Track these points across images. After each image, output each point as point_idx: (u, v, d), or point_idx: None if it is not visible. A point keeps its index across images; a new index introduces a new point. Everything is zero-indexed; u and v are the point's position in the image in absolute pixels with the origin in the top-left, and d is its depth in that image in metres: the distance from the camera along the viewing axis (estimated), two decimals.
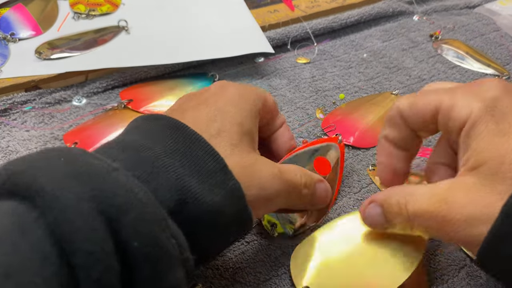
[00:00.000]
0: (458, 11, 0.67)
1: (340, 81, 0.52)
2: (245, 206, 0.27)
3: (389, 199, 0.28)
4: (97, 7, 0.57)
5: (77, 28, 0.54)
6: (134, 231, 0.20)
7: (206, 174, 0.25)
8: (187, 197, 0.24)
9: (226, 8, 0.58)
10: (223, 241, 0.28)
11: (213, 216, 0.25)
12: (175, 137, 0.26)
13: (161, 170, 0.24)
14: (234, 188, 0.26)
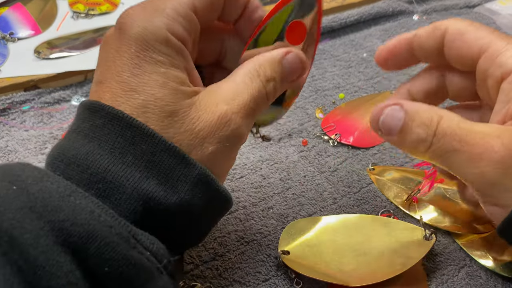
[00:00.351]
0: (458, 10, 0.66)
1: (340, 81, 0.52)
2: (217, 188, 0.25)
3: (420, 110, 0.26)
4: (96, 7, 0.57)
5: (76, 27, 0.54)
6: (102, 259, 0.20)
7: (164, 171, 0.23)
8: (150, 204, 0.23)
9: None
10: (205, 226, 0.27)
11: (184, 213, 0.24)
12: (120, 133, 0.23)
13: (116, 180, 0.22)
14: (200, 177, 0.24)
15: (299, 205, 0.38)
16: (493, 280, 0.33)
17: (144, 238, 0.22)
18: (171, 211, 0.24)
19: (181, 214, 0.24)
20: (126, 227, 0.21)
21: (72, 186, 0.21)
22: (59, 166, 0.23)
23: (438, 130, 0.25)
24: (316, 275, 0.31)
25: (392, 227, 0.35)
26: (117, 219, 0.21)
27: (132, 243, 0.21)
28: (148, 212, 0.23)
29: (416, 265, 0.32)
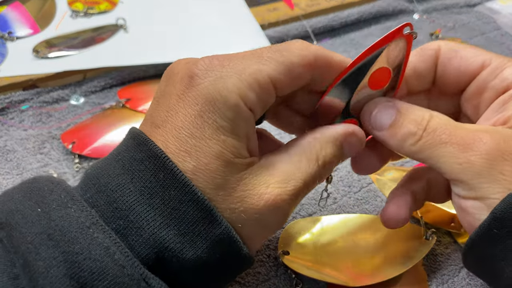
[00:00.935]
0: (459, 9, 0.66)
1: None
2: (239, 250, 0.24)
3: (411, 108, 0.27)
4: (95, 5, 0.57)
5: (75, 26, 0.53)
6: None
7: (186, 223, 0.23)
8: (165, 255, 0.22)
9: (225, 7, 0.58)
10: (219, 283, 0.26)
11: (198, 268, 0.23)
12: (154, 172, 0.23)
13: (138, 221, 0.22)
14: (222, 236, 0.23)
15: (299, 204, 0.37)
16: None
17: (155, 283, 0.22)
18: (185, 266, 0.23)
19: (195, 270, 0.23)
20: (139, 269, 0.21)
21: (93, 218, 0.21)
22: (90, 189, 0.23)
23: (429, 125, 0.26)
24: (316, 275, 0.31)
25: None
26: (131, 259, 0.21)
27: (143, 286, 0.21)
28: (162, 261, 0.23)
29: (417, 265, 0.32)
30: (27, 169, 0.39)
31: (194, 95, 0.23)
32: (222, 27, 0.54)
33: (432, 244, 0.33)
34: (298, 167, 0.25)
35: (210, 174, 0.23)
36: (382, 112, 0.27)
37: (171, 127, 0.24)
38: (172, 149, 0.23)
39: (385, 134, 0.27)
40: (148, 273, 0.22)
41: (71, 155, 0.40)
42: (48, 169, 0.39)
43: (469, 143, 0.25)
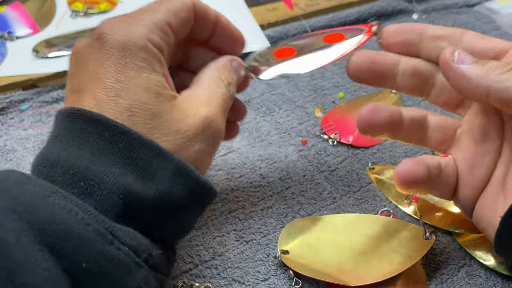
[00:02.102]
0: (458, 9, 0.66)
1: (339, 80, 0.52)
2: (197, 178, 0.26)
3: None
4: (95, 5, 0.57)
5: (75, 26, 0.54)
6: (78, 255, 0.21)
7: (141, 166, 0.25)
8: (130, 198, 0.24)
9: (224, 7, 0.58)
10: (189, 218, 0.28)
11: (165, 205, 0.25)
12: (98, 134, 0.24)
13: (97, 177, 0.24)
14: (178, 168, 0.25)
15: (299, 204, 0.38)
16: (492, 279, 0.33)
17: (123, 233, 0.23)
18: (151, 203, 0.25)
19: (163, 207, 0.25)
20: (104, 223, 0.22)
21: (52, 188, 0.22)
22: (43, 171, 0.24)
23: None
24: (315, 275, 0.31)
25: (391, 227, 0.35)
26: (95, 216, 0.22)
27: (109, 239, 0.22)
28: (129, 207, 0.24)
29: (416, 265, 0.32)
30: (27, 169, 0.39)
31: (107, 49, 0.26)
32: None
33: (431, 243, 0.33)
34: (213, 91, 0.30)
35: (145, 106, 0.26)
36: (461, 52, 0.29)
37: (95, 83, 0.26)
38: (103, 98, 0.25)
39: (469, 66, 0.28)
40: (115, 225, 0.23)
41: None
42: None
43: None
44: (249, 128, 0.45)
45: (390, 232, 0.34)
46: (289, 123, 0.45)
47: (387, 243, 0.34)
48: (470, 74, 0.27)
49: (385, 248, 0.33)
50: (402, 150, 0.43)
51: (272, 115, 0.46)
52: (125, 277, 0.22)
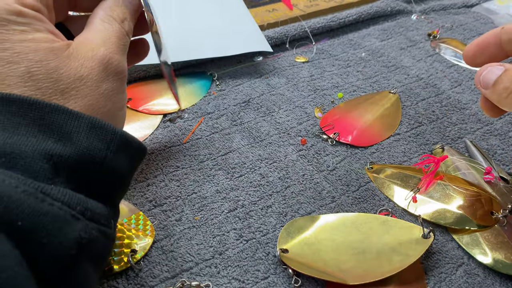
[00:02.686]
0: (456, 10, 0.67)
1: (339, 80, 0.52)
2: (113, 130, 0.27)
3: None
4: None
5: None
6: (12, 215, 0.22)
7: (56, 129, 0.25)
8: (54, 160, 0.25)
9: (224, 8, 0.58)
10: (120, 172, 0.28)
11: (89, 160, 0.26)
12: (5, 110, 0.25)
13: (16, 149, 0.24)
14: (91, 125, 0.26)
15: (298, 203, 0.38)
16: (491, 278, 0.33)
17: (54, 191, 0.24)
18: (75, 161, 0.25)
19: (86, 162, 0.26)
20: (32, 184, 0.23)
21: None
22: None
23: None
24: (314, 273, 0.32)
25: (390, 226, 0.35)
26: (22, 180, 0.23)
27: (40, 197, 0.23)
28: (56, 168, 0.25)
29: (415, 263, 0.32)
30: None
31: None
32: (222, 28, 0.55)
33: (430, 242, 0.33)
34: (106, 30, 0.30)
35: (42, 63, 0.26)
36: (490, 71, 0.32)
37: None
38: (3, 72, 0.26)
39: (488, 92, 0.32)
40: (44, 185, 0.23)
41: None
42: None
43: None
44: (249, 128, 0.45)
45: (389, 231, 0.35)
46: (289, 123, 0.46)
47: (386, 242, 0.34)
48: (491, 98, 0.33)
49: (384, 247, 0.33)
50: (401, 150, 0.43)
51: (271, 115, 0.47)
52: (63, 229, 0.23)
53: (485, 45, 0.35)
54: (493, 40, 0.34)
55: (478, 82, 0.33)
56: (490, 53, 0.35)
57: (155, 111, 0.46)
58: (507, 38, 0.34)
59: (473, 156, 0.42)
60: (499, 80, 0.32)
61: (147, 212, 0.36)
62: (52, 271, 0.22)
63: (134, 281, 0.32)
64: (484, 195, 0.37)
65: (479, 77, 0.33)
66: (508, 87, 0.31)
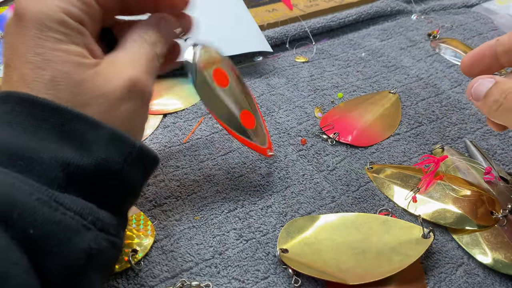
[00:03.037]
0: (456, 10, 0.67)
1: (339, 80, 0.52)
2: (133, 143, 0.27)
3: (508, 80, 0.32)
4: None
5: None
6: (25, 222, 0.22)
7: (76, 138, 0.25)
8: (70, 169, 0.25)
9: (224, 8, 0.58)
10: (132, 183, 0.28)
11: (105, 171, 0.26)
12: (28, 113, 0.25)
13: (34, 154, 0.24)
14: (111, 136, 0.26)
15: (298, 203, 0.38)
16: (491, 278, 0.33)
17: (67, 200, 0.24)
18: (91, 172, 0.25)
19: (102, 174, 0.26)
20: (47, 192, 0.23)
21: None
22: None
23: (509, 95, 0.31)
24: (314, 273, 0.32)
25: (390, 226, 0.35)
26: (37, 187, 0.23)
27: (54, 206, 0.23)
28: (71, 177, 0.25)
29: (414, 263, 0.32)
30: None
31: (25, 25, 0.27)
32: (222, 28, 0.55)
33: (430, 242, 0.34)
34: (136, 52, 0.30)
35: (67, 75, 0.26)
36: (480, 84, 0.33)
37: (18, 57, 0.26)
38: (25, 72, 0.26)
39: (479, 104, 0.33)
40: (58, 193, 0.24)
41: None
42: None
43: None
44: None
45: (389, 231, 0.35)
46: (289, 123, 0.46)
47: (386, 242, 0.34)
48: (482, 110, 0.33)
49: (384, 247, 0.34)
50: (400, 150, 0.43)
51: (271, 115, 0.47)
52: (74, 239, 0.23)
53: (480, 57, 0.36)
54: (489, 52, 0.35)
55: (469, 94, 0.34)
56: (486, 64, 0.35)
57: (155, 111, 0.46)
58: (502, 49, 0.35)
59: (473, 156, 0.42)
60: (490, 93, 0.33)
61: (147, 212, 0.36)
62: (59, 279, 0.23)
63: (134, 281, 0.32)
64: (484, 195, 0.37)
65: (471, 89, 0.34)
66: (497, 100, 0.32)
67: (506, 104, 0.32)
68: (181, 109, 0.47)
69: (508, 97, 0.32)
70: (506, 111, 0.32)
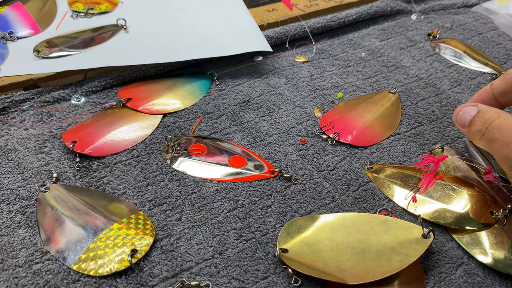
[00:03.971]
0: (456, 10, 0.67)
1: (338, 80, 0.52)
2: None
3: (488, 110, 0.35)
4: (96, 6, 0.57)
5: (76, 26, 0.54)
6: None
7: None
8: None
9: (224, 7, 0.58)
10: None
11: None
12: None
13: None
14: None
15: (298, 203, 0.38)
16: (490, 278, 0.33)
17: None
18: None
19: None
20: None
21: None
22: None
23: (491, 125, 0.34)
24: (314, 273, 0.32)
25: (390, 225, 0.35)
26: None
27: None
28: None
29: (414, 263, 0.32)
30: (28, 168, 0.39)
31: None
32: (222, 27, 0.55)
33: (429, 242, 0.34)
34: None
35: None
36: (465, 113, 0.36)
37: None
38: None
39: (465, 131, 0.36)
40: None
41: (72, 154, 0.41)
42: (49, 168, 0.39)
43: (509, 141, 0.33)
44: (248, 128, 0.45)
45: (389, 231, 0.35)
46: (289, 123, 0.46)
47: (386, 242, 0.34)
48: (468, 137, 0.36)
49: (383, 246, 0.34)
50: (400, 150, 0.43)
51: (271, 115, 0.47)
52: None
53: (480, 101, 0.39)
54: (487, 96, 0.39)
55: (456, 121, 0.37)
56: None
57: (155, 111, 0.46)
58: (498, 92, 0.39)
59: (473, 156, 0.42)
60: (473, 122, 0.35)
61: (147, 211, 0.36)
62: None
63: (134, 281, 0.32)
64: (484, 194, 0.37)
65: (457, 116, 0.37)
66: (480, 130, 0.34)
67: (488, 135, 0.34)
68: (180, 109, 0.47)
69: (489, 128, 0.34)
70: (488, 142, 0.34)
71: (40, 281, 0.31)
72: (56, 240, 0.34)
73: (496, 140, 0.33)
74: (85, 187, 0.38)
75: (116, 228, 0.34)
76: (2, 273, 0.31)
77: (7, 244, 0.33)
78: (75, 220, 0.35)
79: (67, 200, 0.36)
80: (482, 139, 0.35)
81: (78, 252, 0.33)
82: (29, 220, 0.35)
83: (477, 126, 0.35)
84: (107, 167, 0.40)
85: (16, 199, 0.37)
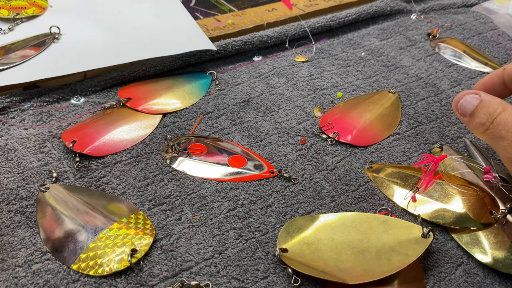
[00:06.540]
0: (456, 9, 0.67)
1: (338, 80, 0.52)
2: None
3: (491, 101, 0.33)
4: (22, 10, 0.53)
5: (7, 39, 0.50)
6: None
7: None
8: None
9: (161, 9, 0.57)
10: None
11: None
12: None
13: None
14: None
15: (298, 203, 0.38)
16: (490, 278, 0.33)
17: None
18: None
19: None
20: None
21: None
22: None
23: (496, 119, 0.32)
24: (314, 273, 0.32)
25: (390, 225, 0.35)
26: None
27: None
28: None
29: (414, 263, 0.33)
30: (28, 168, 0.39)
31: None
32: (160, 28, 0.54)
33: (429, 241, 0.34)
34: None
35: None
36: (467, 102, 0.34)
37: None
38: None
39: (466, 120, 0.35)
40: None
41: (72, 154, 0.41)
42: (49, 168, 0.39)
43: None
44: (248, 127, 0.45)
45: (389, 230, 0.35)
46: (288, 123, 0.46)
47: (386, 242, 0.34)
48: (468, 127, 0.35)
49: (383, 246, 0.34)
50: (400, 149, 0.43)
51: (271, 114, 0.47)
52: None
53: (490, 85, 0.37)
54: (497, 80, 0.37)
55: (456, 109, 0.35)
56: (496, 92, 0.36)
57: (155, 111, 0.46)
58: (508, 78, 0.36)
59: (473, 156, 0.42)
60: (475, 113, 0.33)
61: (147, 211, 0.36)
62: None
63: (134, 281, 0.32)
64: (483, 194, 0.37)
65: (457, 104, 0.35)
66: (483, 123, 0.33)
67: (493, 130, 0.32)
68: (180, 109, 0.47)
69: (494, 123, 0.32)
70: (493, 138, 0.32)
71: (39, 281, 0.31)
72: (56, 240, 0.34)
73: (502, 138, 0.32)
74: (84, 186, 0.38)
75: (116, 228, 0.34)
76: (2, 273, 0.31)
77: (7, 243, 0.33)
78: (74, 220, 0.35)
79: (66, 200, 0.36)
80: (485, 133, 0.33)
81: (77, 252, 0.33)
82: (28, 220, 0.35)
83: (480, 118, 0.33)
84: (106, 166, 0.40)
85: (16, 199, 0.37)
